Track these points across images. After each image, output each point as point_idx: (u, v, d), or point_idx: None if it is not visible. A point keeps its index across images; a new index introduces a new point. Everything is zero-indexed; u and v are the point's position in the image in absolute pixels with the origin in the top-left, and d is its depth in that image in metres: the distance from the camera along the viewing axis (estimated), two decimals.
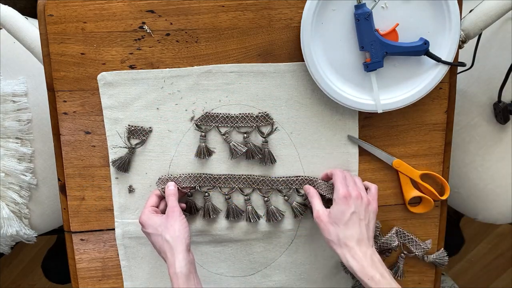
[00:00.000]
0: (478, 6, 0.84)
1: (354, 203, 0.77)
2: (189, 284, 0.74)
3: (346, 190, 0.78)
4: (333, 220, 0.77)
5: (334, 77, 0.80)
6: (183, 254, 0.75)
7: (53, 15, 0.78)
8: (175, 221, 0.77)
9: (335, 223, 0.77)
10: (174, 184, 0.83)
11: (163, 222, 0.77)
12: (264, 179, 0.85)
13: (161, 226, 0.77)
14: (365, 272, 0.74)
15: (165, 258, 0.76)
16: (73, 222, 0.87)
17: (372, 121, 0.86)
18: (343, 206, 0.77)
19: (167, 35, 0.80)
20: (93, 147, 0.84)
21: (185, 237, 0.76)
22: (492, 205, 1.08)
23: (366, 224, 0.78)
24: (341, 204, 0.77)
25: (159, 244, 0.77)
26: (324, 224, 0.78)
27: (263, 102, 0.83)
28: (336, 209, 0.78)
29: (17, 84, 0.99)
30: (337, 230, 0.77)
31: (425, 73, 0.81)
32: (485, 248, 1.77)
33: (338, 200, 0.78)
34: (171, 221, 0.77)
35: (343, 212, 0.77)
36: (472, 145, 1.05)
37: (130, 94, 0.82)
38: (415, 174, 0.88)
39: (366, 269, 0.74)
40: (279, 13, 0.80)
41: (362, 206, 0.78)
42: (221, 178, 0.85)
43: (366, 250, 0.76)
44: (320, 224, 0.78)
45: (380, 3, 0.77)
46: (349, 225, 0.77)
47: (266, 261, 0.91)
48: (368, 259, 0.75)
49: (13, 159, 0.99)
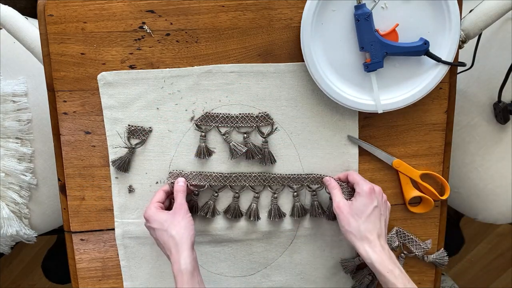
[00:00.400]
0: (478, 6, 0.84)
1: (377, 198, 0.79)
2: (193, 282, 0.74)
3: (370, 185, 0.79)
4: (355, 212, 0.78)
5: (334, 77, 0.80)
6: (188, 251, 0.75)
7: (53, 15, 0.78)
8: (182, 218, 0.77)
9: (357, 215, 0.78)
10: (184, 181, 0.83)
11: (170, 218, 0.77)
12: (276, 176, 0.86)
13: (167, 222, 0.77)
14: (385, 265, 0.75)
15: (169, 254, 0.76)
16: (73, 222, 0.87)
17: (372, 121, 0.86)
18: (367, 200, 0.78)
19: (167, 35, 0.80)
20: (93, 147, 0.84)
21: (190, 234, 0.77)
22: (492, 205, 1.08)
23: (384, 219, 0.80)
24: (365, 197, 0.78)
25: (164, 239, 0.77)
26: (344, 215, 0.79)
27: (263, 102, 0.83)
28: (359, 201, 0.78)
29: (17, 84, 0.99)
30: (358, 223, 0.77)
31: (425, 73, 0.81)
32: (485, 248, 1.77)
33: (362, 193, 0.79)
34: (178, 218, 0.77)
35: (366, 205, 0.78)
36: (472, 145, 1.05)
37: (130, 94, 0.82)
38: (415, 174, 0.88)
39: (386, 262, 0.75)
40: (279, 13, 0.80)
41: (382, 202, 0.80)
42: (232, 176, 0.85)
43: (384, 245, 0.77)
44: (340, 215, 0.79)
45: (380, 3, 0.77)
46: (371, 218, 0.78)
47: (266, 261, 0.91)
48: (387, 253, 0.77)
49: (13, 159, 0.99)
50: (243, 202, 0.87)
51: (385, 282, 0.75)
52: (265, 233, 0.89)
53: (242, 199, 0.86)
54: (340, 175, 0.86)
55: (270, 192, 0.87)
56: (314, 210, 0.87)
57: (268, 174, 0.86)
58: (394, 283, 0.74)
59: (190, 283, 0.73)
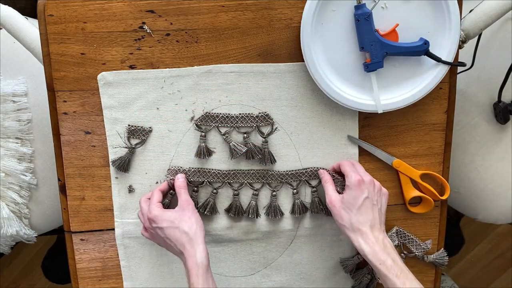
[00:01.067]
0: (478, 6, 0.84)
1: (367, 188, 0.78)
2: (207, 275, 0.74)
3: (359, 175, 0.79)
4: (346, 205, 0.78)
5: (334, 77, 0.80)
6: (202, 245, 0.75)
7: (53, 15, 0.78)
8: (192, 214, 0.77)
9: (348, 208, 0.78)
10: (183, 176, 0.83)
11: (179, 215, 0.77)
12: (274, 173, 0.86)
13: (177, 219, 0.77)
14: (377, 256, 0.75)
15: (183, 250, 0.76)
16: (73, 222, 0.87)
17: (372, 121, 0.86)
18: (356, 192, 0.78)
19: (167, 35, 0.80)
20: (93, 147, 0.84)
21: (202, 229, 0.77)
22: (492, 205, 1.08)
23: (378, 208, 0.79)
24: (354, 189, 0.78)
25: (176, 236, 0.76)
26: (336, 209, 0.79)
27: (263, 102, 0.83)
28: (349, 194, 0.78)
29: (17, 84, 0.99)
30: (350, 215, 0.77)
31: (425, 73, 0.81)
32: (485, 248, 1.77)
33: (351, 186, 0.78)
34: (188, 214, 0.77)
35: (356, 197, 0.78)
36: (472, 145, 1.05)
37: (130, 94, 0.82)
38: (415, 174, 0.88)
39: (378, 253, 0.75)
40: (279, 13, 0.80)
41: (374, 191, 0.80)
42: (231, 174, 0.85)
43: (378, 235, 0.77)
44: (332, 210, 0.79)
45: (380, 3, 0.77)
46: (362, 210, 0.77)
47: (266, 261, 0.91)
48: (380, 243, 0.76)
49: (13, 159, 0.99)
50: (243, 200, 0.87)
51: (379, 274, 0.75)
52: (265, 233, 0.89)
53: (241, 197, 0.86)
54: (334, 165, 0.85)
55: (269, 190, 0.87)
56: (315, 207, 0.87)
57: (266, 171, 0.86)
58: (386, 274, 0.74)
59: (205, 276, 0.74)
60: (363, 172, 0.82)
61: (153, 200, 0.81)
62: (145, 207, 0.80)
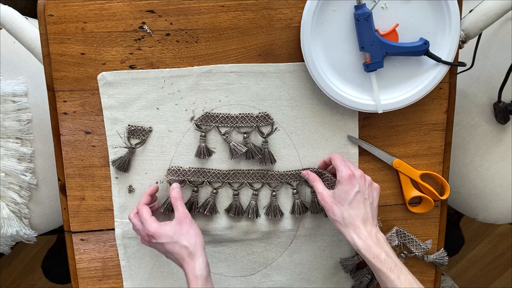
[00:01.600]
0: (478, 6, 0.84)
1: (358, 183, 0.78)
2: (206, 285, 0.75)
3: (349, 170, 0.79)
4: (337, 200, 0.78)
5: (334, 77, 0.80)
6: (202, 257, 0.76)
7: (53, 15, 0.78)
8: (189, 227, 0.77)
9: (340, 203, 0.78)
10: (178, 186, 0.82)
11: (177, 229, 0.77)
12: (274, 173, 0.86)
13: (175, 234, 0.76)
14: (371, 250, 0.75)
15: (182, 262, 0.76)
16: (73, 222, 0.87)
17: (372, 121, 0.86)
18: (347, 186, 0.77)
19: (167, 35, 0.80)
20: (93, 147, 0.84)
21: (201, 241, 0.77)
22: (492, 205, 1.08)
23: (370, 203, 0.79)
24: (345, 184, 0.78)
25: (176, 250, 0.76)
26: (328, 205, 0.78)
27: (263, 102, 0.83)
28: (340, 189, 0.78)
29: (17, 84, 0.99)
30: (342, 210, 0.77)
31: (425, 73, 0.81)
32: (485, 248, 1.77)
33: (342, 181, 0.78)
34: (186, 227, 0.77)
35: (347, 191, 0.77)
36: (472, 145, 1.05)
37: (130, 94, 0.82)
38: (415, 174, 0.88)
39: (372, 247, 0.75)
40: (279, 13, 0.80)
41: (365, 185, 0.79)
42: (231, 174, 0.85)
43: (371, 229, 0.77)
44: (325, 206, 0.79)
45: (380, 3, 0.77)
46: (354, 204, 0.77)
47: (266, 261, 0.91)
48: (374, 237, 0.76)
49: (13, 159, 0.99)
50: (242, 200, 0.87)
51: (372, 268, 0.75)
52: (265, 233, 0.89)
53: (241, 197, 0.86)
54: (326, 158, 0.85)
55: (269, 190, 0.87)
56: (315, 207, 0.87)
57: (266, 171, 0.86)
58: (380, 268, 0.74)
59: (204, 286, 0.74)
60: (354, 166, 0.81)
61: (143, 216, 0.78)
62: (137, 223, 0.80)
